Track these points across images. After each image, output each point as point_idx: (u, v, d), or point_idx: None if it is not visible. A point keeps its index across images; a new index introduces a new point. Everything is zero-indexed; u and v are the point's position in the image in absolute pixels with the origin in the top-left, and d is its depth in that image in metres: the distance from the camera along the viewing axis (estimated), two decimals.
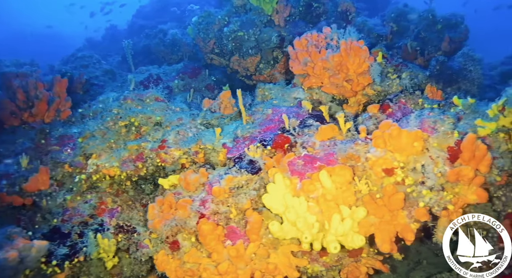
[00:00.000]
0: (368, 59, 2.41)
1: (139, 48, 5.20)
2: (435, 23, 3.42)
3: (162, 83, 3.61)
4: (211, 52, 3.70)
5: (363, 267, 2.33)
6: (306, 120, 2.30)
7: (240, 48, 3.39)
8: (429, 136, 1.87)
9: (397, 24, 3.69)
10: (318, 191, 1.85)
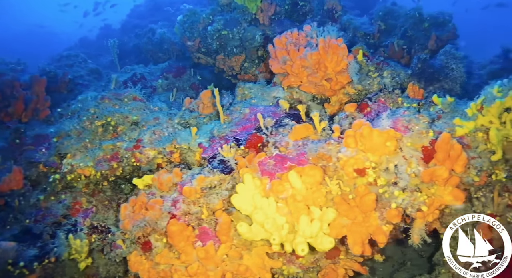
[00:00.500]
0: (346, 57, 2.37)
1: (129, 47, 5.18)
2: (422, 22, 3.38)
3: (146, 82, 3.58)
4: (197, 51, 3.67)
5: (341, 269, 2.29)
6: (282, 120, 2.26)
7: (224, 47, 3.37)
8: (402, 136, 1.83)
9: (385, 22, 3.64)
10: (287, 191, 1.82)
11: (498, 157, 2.01)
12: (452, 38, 3.48)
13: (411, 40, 3.38)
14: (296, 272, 2.31)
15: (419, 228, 1.93)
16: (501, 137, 2.02)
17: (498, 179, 2.14)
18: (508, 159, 2.19)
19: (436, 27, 3.33)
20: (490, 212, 2.12)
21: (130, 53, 5.16)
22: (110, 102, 2.50)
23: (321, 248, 1.78)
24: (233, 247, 2.01)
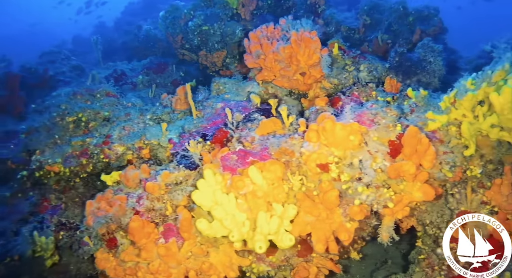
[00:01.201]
0: (319, 51, 2.31)
1: (118, 44, 5.16)
2: (406, 15, 3.30)
3: (127, 78, 3.56)
4: (181, 47, 3.64)
5: (313, 267, 2.24)
6: (251, 115, 2.21)
7: (206, 42, 3.32)
8: (367, 130, 1.77)
9: (370, 17, 3.57)
10: (248, 187, 1.76)
11: (471, 151, 1.94)
12: (439, 33, 3.40)
13: (395, 35, 3.31)
14: (266, 271, 2.27)
15: (388, 225, 1.87)
16: (474, 131, 1.95)
17: (473, 174, 2.07)
18: (483, 154, 2.12)
19: (420, 21, 3.26)
20: (464, 208, 2.05)
21: (119, 50, 5.14)
22: (82, 98, 2.47)
23: (281, 246, 1.73)
24: (198, 244, 1.97)
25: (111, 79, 3.43)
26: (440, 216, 2.22)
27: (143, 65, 3.82)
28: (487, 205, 2.00)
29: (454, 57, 3.70)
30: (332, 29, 3.45)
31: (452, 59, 3.60)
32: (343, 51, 2.52)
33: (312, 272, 2.24)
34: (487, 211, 1.99)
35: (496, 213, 1.99)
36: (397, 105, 2.26)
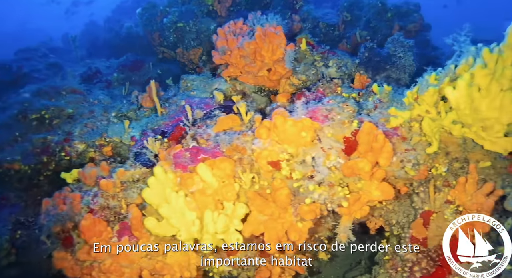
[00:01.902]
0: (283, 46, 2.26)
1: (102, 42, 5.13)
2: (385, 12, 3.23)
3: (101, 76, 3.52)
4: (159, 45, 3.60)
5: (277, 267, 2.19)
6: (212, 111, 2.16)
7: (182, 40, 3.29)
8: (321, 126, 1.71)
9: (351, 13, 3.51)
10: (197, 185, 1.72)
11: (434, 149, 1.88)
12: (420, 29, 3.33)
13: (374, 31, 3.24)
14: (228, 271, 2.22)
15: (345, 225, 1.81)
16: (437, 128, 1.89)
17: (438, 173, 2.01)
18: (448, 151, 2.05)
19: (399, 17, 3.19)
20: (427, 208, 1.99)
21: (103, 48, 5.11)
22: (47, 95, 2.44)
23: (233, 245, 1.68)
24: (152, 243, 1.93)
25: (85, 76, 3.40)
26: (406, 216, 2.16)
27: (118, 63, 3.79)
28: (452, 205, 1.93)
29: (435, 53, 3.62)
30: (308, 25, 3.39)
31: (434, 55, 3.53)
32: (312, 46, 2.46)
33: (275, 272, 2.19)
34: (451, 210, 1.92)
35: (460, 213, 1.93)
36: (363, 101, 2.21)
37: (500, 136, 1.73)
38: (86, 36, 7.62)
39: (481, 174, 1.93)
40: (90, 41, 5.09)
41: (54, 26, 8.30)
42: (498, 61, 1.64)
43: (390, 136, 1.88)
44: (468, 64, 1.85)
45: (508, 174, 1.99)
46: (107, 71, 3.69)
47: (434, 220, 1.93)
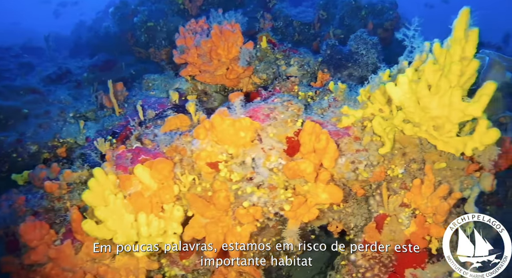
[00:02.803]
0: (240, 44, 2.19)
1: (84, 42, 5.11)
2: (359, 9, 3.15)
3: (71, 76, 3.49)
4: (134, 44, 3.56)
5: (232, 272, 2.12)
6: (165, 112, 2.11)
7: (153, 39, 3.24)
8: (261, 125, 1.64)
9: (327, 11, 3.43)
10: (136, 186, 1.66)
11: (387, 149, 1.80)
12: (397, 27, 3.24)
13: (348, 29, 3.16)
14: (181, 275, 2.16)
15: (291, 229, 1.74)
16: (389, 127, 1.81)
17: (394, 174, 1.93)
18: (405, 152, 1.97)
19: (374, 15, 3.11)
20: (382, 212, 1.90)
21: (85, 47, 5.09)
22: (2, 96, 2.40)
23: (169, 249, 1.62)
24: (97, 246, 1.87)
25: (54, 76, 3.36)
26: (364, 219, 2.08)
27: (89, 63, 3.76)
28: (407, 208, 1.85)
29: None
30: (280, 23, 3.33)
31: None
32: (273, 44, 2.39)
33: (231, 276, 2.12)
34: (406, 214, 1.84)
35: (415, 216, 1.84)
36: (319, 100, 2.13)
37: (452, 136, 1.65)
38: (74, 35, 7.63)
39: (438, 175, 1.85)
40: (73, 41, 5.08)
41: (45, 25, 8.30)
42: (447, 56, 1.56)
43: (340, 136, 1.81)
44: (422, 60, 1.78)
45: (466, 176, 1.90)
46: (79, 71, 3.66)
47: (388, 224, 1.85)
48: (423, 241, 1.78)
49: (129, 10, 3.32)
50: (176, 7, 3.23)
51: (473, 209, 2.04)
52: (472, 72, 1.60)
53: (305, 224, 2.33)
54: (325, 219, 2.22)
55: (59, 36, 7.41)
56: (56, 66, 3.65)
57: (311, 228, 2.42)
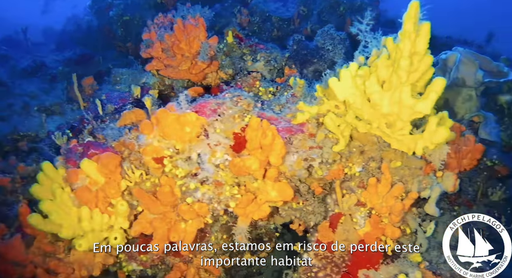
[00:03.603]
0: (203, 39, 2.16)
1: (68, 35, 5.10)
2: (338, 5, 3.10)
3: (47, 69, 3.48)
4: (114, 38, 3.54)
5: (191, 268, 2.11)
6: (125, 106, 2.09)
7: (130, 33, 3.22)
8: (208, 121, 1.61)
9: (307, 7, 3.38)
10: (83, 181, 1.64)
11: (341, 147, 1.77)
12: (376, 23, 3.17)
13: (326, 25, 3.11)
14: (139, 270, 2.14)
15: (241, 226, 1.71)
16: (344, 124, 1.77)
17: (351, 173, 1.89)
18: (364, 150, 1.93)
19: (352, 11, 3.05)
20: (338, 210, 1.87)
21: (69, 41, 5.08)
22: None
23: (112, 244, 1.61)
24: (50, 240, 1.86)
25: (29, 70, 3.36)
26: (324, 218, 2.05)
27: (65, 57, 3.75)
28: (363, 207, 1.81)
29: None
30: (257, 19, 3.28)
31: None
32: (240, 39, 2.36)
33: (190, 273, 2.10)
34: (361, 213, 1.81)
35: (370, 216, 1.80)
36: (279, 96, 2.10)
37: (404, 134, 1.61)
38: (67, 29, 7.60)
39: (395, 174, 1.82)
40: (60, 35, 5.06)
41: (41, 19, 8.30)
42: (397, 51, 1.51)
43: (293, 133, 1.78)
44: (377, 55, 1.74)
45: (425, 175, 1.86)
46: (55, 65, 3.64)
47: (343, 223, 1.81)
48: (377, 241, 1.75)
49: (105, 3, 3.30)
50: (152, 0, 3.21)
51: (433, 210, 2.01)
52: (425, 68, 1.55)
53: (267, 221, 2.33)
54: (288, 217, 2.19)
55: (51, 29, 7.40)
56: (31, 60, 3.64)
57: (275, 226, 2.40)
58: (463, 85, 2.56)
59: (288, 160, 1.70)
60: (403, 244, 1.90)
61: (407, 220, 1.92)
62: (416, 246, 1.86)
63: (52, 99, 2.47)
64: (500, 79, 2.43)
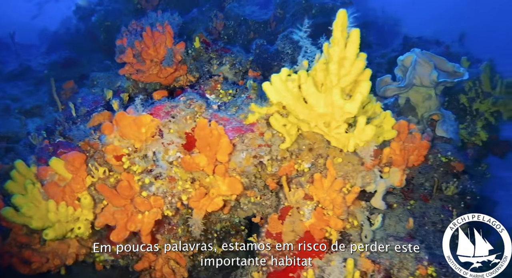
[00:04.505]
0: (169, 44, 2.32)
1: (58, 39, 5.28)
2: (310, 8, 3.23)
3: (32, 73, 3.66)
4: (98, 42, 3.71)
5: (160, 258, 2.27)
6: (97, 109, 2.26)
7: (112, 38, 3.38)
8: (161, 122, 1.78)
9: (284, 9, 3.51)
10: (52, 177, 1.82)
11: (287, 145, 1.92)
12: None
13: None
14: (111, 260, 2.32)
15: (196, 218, 1.87)
16: (290, 124, 1.91)
17: (301, 169, 2.04)
18: (312, 148, 2.08)
19: (324, 14, 3.17)
20: (287, 204, 2.02)
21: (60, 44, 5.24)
22: None
23: (77, 233, 1.79)
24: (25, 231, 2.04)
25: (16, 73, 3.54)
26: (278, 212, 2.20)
27: (51, 60, 3.93)
28: (309, 201, 1.96)
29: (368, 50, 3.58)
30: (232, 22, 3.42)
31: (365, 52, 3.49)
32: (207, 44, 2.51)
33: (158, 263, 2.27)
34: (308, 207, 1.96)
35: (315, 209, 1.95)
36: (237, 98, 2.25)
37: (340, 133, 1.76)
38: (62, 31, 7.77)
39: (340, 170, 1.97)
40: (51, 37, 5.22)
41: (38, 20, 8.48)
42: (329, 55, 1.66)
43: (244, 132, 1.93)
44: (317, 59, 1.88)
45: (368, 171, 2.01)
46: (41, 68, 3.82)
47: (291, 215, 1.97)
48: (320, 232, 1.90)
49: (88, 9, 3.46)
50: (132, 6, 3.37)
51: (379, 203, 2.16)
52: (358, 71, 1.69)
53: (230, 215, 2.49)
54: (249, 211, 2.35)
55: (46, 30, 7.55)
56: (18, 63, 3.82)
57: (239, 220, 2.56)
58: (421, 85, 2.68)
59: (238, 157, 1.86)
60: (350, 235, 2.06)
61: (354, 213, 2.07)
62: (361, 237, 2.01)
63: (34, 102, 2.64)
64: (455, 79, 2.55)
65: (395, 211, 2.40)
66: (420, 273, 1.82)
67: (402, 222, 2.33)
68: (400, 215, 2.39)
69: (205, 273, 2.71)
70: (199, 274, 2.66)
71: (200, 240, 2.43)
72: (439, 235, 2.37)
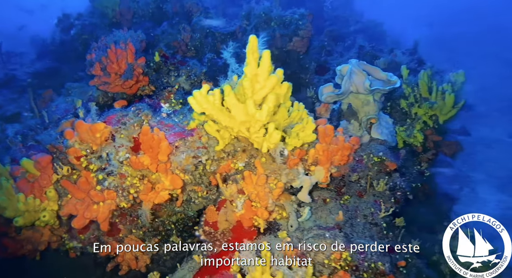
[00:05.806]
0: (130, 60, 2.67)
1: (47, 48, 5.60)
2: (270, 20, 3.55)
3: (16, 82, 4.00)
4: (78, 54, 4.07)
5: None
6: (67, 116, 2.61)
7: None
8: (112, 129, 2.13)
9: (249, 21, 3.84)
10: (23, 174, 2.18)
11: (220, 147, 2.27)
12: (308, 36, 3.63)
13: None
14: (80, 247, 2.67)
15: (145, 209, 2.23)
16: (223, 130, 2.25)
17: (236, 167, 2.39)
18: (245, 149, 2.42)
19: (283, 26, 3.49)
20: (223, 198, 2.37)
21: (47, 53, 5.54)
22: None
23: (42, 221, 2.15)
24: None
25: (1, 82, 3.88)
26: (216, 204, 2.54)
27: (35, 69, 4.27)
28: (241, 194, 2.30)
29: (325, 59, 3.92)
30: (197, 35, 3.75)
31: (324, 60, 3.83)
32: (166, 58, 2.86)
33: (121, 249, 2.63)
34: (241, 200, 2.29)
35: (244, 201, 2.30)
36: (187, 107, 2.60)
37: (259, 136, 2.10)
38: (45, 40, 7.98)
39: (267, 168, 2.30)
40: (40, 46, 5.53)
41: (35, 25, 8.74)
42: (244, 73, 1.99)
43: (184, 136, 2.28)
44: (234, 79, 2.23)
45: (290, 169, 2.34)
46: (26, 77, 4.16)
47: (225, 207, 2.31)
48: (249, 221, 2.24)
49: (68, 23, 3.79)
50: (108, 20, 3.70)
51: (305, 197, 2.50)
52: (272, 86, 2.01)
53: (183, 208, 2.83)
54: (200, 204, 2.70)
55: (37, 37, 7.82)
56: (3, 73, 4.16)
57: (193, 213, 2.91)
58: (358, 92, 3.00)
59: (179, 157, 2.21)
60: (280, 225, 2.40)
61: (284, 205, 2.41)
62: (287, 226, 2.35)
63: (15, 109, 2.98)
64: (387, 87, 2.86)
65: (327, 204, 2.74)
66: (335, 256, 2.16)
67: (333, 214, 2.67)
68: (331, 208, 2.72)
69: (170, 262, 3.06)
70: (165, 263, 3.01)
71: (160, 230, 2.78)
72: (368, 226, 2.71)
